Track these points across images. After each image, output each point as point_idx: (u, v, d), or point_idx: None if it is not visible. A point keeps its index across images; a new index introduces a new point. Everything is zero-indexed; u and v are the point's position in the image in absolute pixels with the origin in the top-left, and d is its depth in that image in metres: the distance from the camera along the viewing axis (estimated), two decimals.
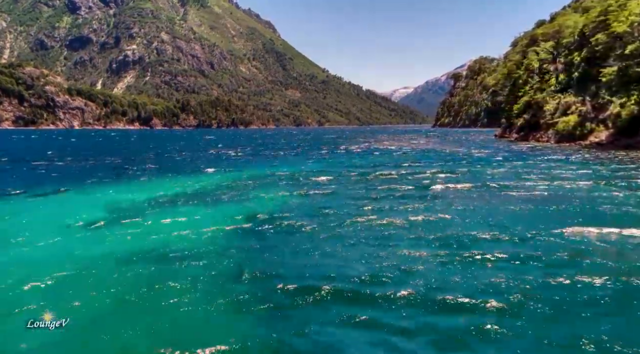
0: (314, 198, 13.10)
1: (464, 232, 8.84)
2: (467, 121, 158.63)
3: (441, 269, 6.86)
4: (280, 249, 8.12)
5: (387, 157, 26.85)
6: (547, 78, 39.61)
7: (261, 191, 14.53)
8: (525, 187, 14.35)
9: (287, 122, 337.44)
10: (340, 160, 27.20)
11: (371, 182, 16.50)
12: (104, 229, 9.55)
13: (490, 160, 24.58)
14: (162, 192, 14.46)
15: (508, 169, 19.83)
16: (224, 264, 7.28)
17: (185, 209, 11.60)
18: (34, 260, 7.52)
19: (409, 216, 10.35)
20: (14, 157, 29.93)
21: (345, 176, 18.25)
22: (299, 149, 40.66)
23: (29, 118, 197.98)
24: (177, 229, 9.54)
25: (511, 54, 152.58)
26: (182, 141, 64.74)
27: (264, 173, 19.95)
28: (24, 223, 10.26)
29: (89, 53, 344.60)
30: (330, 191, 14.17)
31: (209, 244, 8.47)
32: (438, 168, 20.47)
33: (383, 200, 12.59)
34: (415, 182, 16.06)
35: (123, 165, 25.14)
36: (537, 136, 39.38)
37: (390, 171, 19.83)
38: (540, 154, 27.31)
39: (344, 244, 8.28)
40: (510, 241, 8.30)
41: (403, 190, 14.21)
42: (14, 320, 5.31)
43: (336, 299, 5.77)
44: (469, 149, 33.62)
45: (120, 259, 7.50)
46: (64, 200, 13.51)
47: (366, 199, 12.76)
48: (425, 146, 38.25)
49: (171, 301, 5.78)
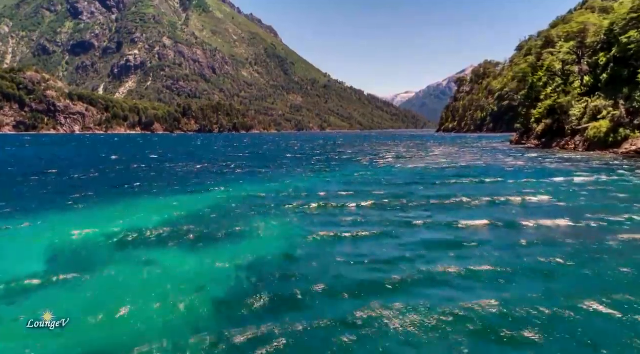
0: (345, 241, 9.29)
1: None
2: (473, 126, 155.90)
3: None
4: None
5: (424, 175, 20.92)
6: (571, 80, 36.81)
7: (267, 219, 11.41)
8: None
9: (289, 127, 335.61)
10: (361, 173, 22.87)
11: (429, 211, 11.91)
12: (32, 296, 6.43)
13: (543, 174, 19.83)
14: (140, 219, 11.60)
15: (582, 190, 15.11)
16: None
17: (158, 254, 8.37)
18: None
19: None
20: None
21: (385, 205, 12.99)
22: (315, 158, 36.22)
23: (30, 123, 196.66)
24: (138, 293, 6.63)
25: (517, 57, 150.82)
26: (180, 146, 62.09)
27: (270, 190, 16.74)
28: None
29: (90, 58, 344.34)
30: (370, 233, 9.59)
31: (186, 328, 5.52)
32: (492, 195, 14.34)
33: (462, 248, 8.48)
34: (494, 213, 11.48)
35: (96, 181, 21.12)
36: (561, 143, 36.47)
37: (440, 192, 15.31)
38: (595, 167, 22.78)
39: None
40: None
41: (480, 229, 10.12)
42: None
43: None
44: (498, 160, 29.45)
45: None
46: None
47: (435, 246, 8.66)
48: (447, 158, 32.56)
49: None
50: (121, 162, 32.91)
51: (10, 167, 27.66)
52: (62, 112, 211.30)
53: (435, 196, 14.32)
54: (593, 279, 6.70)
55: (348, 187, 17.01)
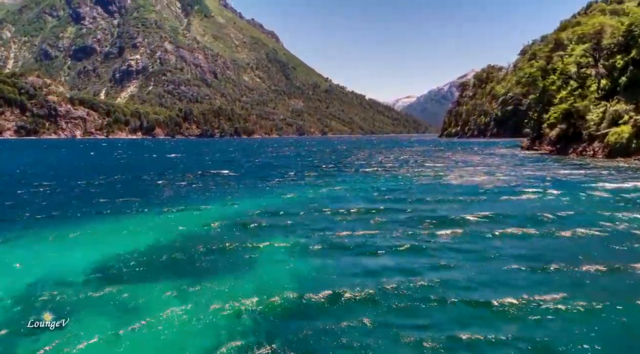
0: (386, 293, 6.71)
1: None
2: (476, 130, 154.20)
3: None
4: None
5: (448, 193, 16.80)
6: (588, 84, 35.21)
7: (277, 257, 8.74)
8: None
9: (290, 131, 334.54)
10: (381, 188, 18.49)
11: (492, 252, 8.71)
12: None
13: (579, 186, 17.29)
14: (124, 244, 9.96)
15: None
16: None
17: (141, 294, 6.80)
18: None
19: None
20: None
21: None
22: (322, 166, 32.80)
23: (31, 128, 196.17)
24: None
25: (521, 61, 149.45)
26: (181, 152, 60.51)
27: (278, 209, 14.26)
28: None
29: (92, 63, 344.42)
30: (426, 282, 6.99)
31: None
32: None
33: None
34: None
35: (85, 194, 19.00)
36: (578, 149, 34.77)
37: (465, 214, 12.05)
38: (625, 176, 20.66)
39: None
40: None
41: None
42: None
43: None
44: (545, 171, 25.00)
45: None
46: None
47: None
48: (484, 167, 27.33)
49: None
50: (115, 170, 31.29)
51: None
52: (63, 116, 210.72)
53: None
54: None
55: (374, 206, 15.23)
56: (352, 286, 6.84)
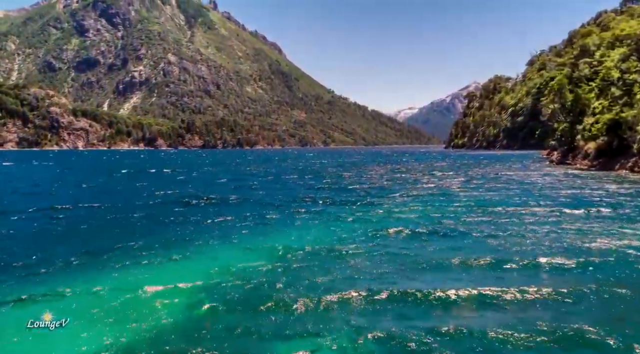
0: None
1: None
2: (485, 142, 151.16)
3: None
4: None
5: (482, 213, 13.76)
6: (635, 91, 32.09)
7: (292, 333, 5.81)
8: None
9: (293, 143, 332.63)
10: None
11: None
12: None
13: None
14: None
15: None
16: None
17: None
18: None
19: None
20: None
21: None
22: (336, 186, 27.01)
23: (33, 139, 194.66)
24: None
25: (530, 72, 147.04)
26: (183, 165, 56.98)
27: (287, 257, 9.89)
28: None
29: (96, 74, 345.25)
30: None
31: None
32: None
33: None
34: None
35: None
36: (627, 164, 31.44)
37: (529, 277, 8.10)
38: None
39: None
40: None
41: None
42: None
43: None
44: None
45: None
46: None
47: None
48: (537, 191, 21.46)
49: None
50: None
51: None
52: (65, 128, 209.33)
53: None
54: None
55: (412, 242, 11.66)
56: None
